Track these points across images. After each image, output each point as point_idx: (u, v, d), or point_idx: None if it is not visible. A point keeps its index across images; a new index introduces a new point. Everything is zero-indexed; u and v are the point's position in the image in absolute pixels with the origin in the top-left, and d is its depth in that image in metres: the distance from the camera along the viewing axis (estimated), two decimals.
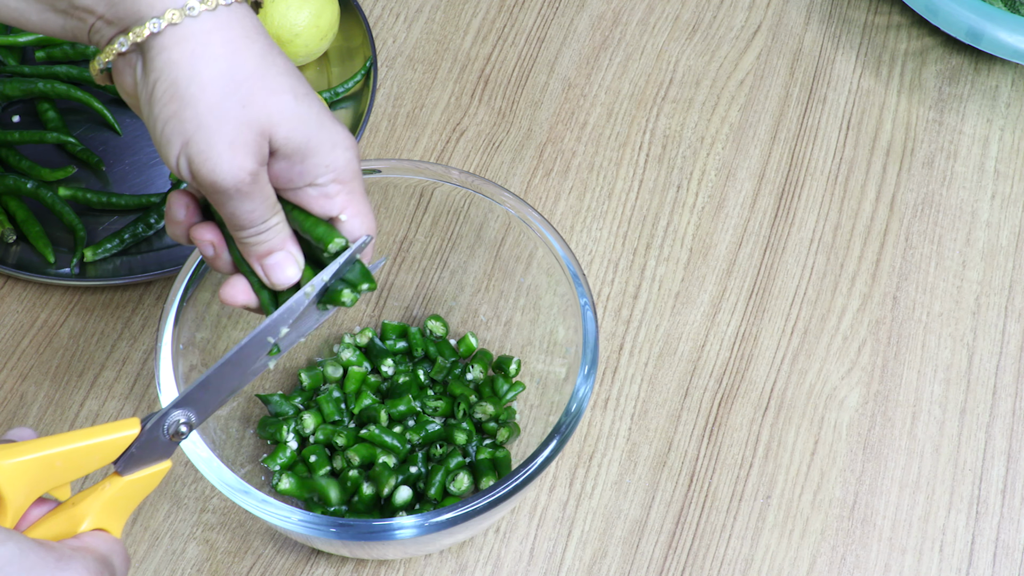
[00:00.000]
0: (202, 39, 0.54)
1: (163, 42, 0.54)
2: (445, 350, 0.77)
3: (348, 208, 0.59)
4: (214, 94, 0.54)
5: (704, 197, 0.88)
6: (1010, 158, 0.91)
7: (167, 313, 0.66)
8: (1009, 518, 0.77)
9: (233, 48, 0.55)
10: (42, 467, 0.50)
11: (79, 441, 0.51)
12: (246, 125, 0.54)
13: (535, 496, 0.76)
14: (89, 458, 0.52)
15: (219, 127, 0.54)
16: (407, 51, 0.94)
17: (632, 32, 0.95)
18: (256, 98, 0.55)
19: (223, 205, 0.56)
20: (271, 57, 0.56)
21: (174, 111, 0.54)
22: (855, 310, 0.84)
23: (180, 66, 0.54)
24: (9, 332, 0.80)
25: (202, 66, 0.54)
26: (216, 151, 0.54)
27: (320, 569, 0.73)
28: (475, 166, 0.89)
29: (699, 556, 0.75)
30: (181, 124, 0.54)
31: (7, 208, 0.84)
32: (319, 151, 0.57)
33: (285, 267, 0.59)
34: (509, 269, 0.75)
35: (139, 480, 0.54)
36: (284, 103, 0.55)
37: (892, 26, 0.97)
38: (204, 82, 0.54)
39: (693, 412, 0.80)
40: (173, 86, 0.54)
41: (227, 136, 0.54)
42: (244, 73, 0.55)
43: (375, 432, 0.72)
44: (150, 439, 0.54)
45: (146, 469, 0.54)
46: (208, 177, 0.54)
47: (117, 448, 0.52)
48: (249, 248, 0.59)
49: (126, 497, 0.54)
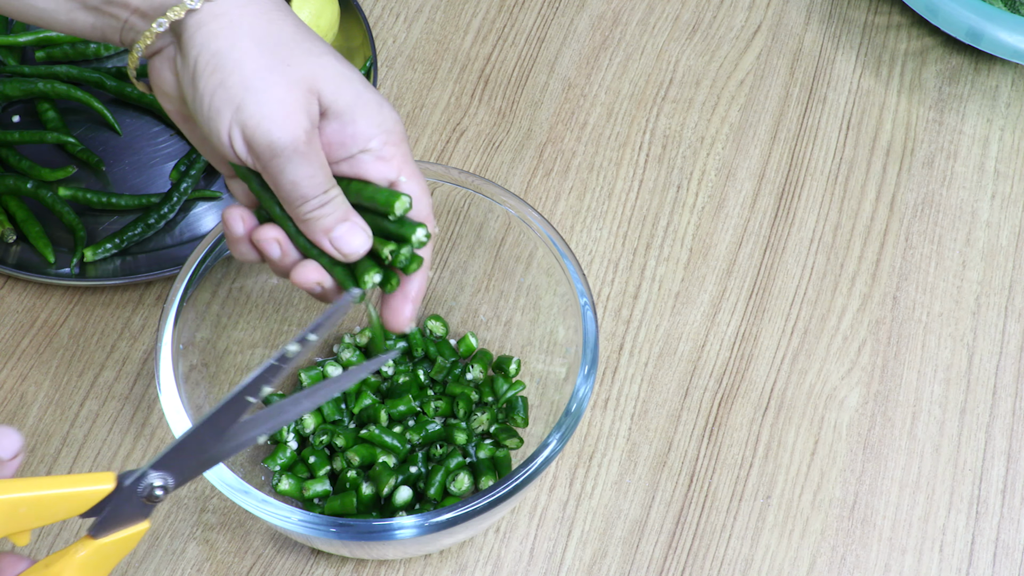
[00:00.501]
0: (238, 12, 0.55)
1: (200, 18, 0.55)
2: (445, 350, 0.77)
3: (404, 170, 0.59)
4: (258, 57, 0.55)
5: (704, 197, 0.88)
6: (1010, 158, 0.91)
7: (167, 313, 0.66)
8: (1009, 518, 0.77)
9: (268, 18, 0.56)
10: (4, 511, 0.47)
11: (49, 489, 0.48)
12: (294, 83, 0.55)
13: (535, 496, 0.76)
14: (56, 508, 0.49)
15: (267, 88, 0.54)
16: (407, 51, 0.94)
17: (632, 32, 0.95)
18: (299, 58, 0.56)
19: (282, 172, 0.55)
20: (304, 27, 0.58)
21: (220, 80, 0.55)
22: (855, 310, 0.84)
23: (219, 37, 0.55)
24: (9, 332, 0.80)
25: (242, 34, 0.55)
26: (268, 110, 0.54)
27: (320, 569, 0.73)
28: (475, 166, 0.89)
29: (699, 556, 0.75)
30: (228, 92, 0.54)
31: (7, 208, 0.84)
32: (367, 110, 0.57)
33: (354, 236, 0.58)
34: (509, 269, 0.75)
35: (114, 543, 0.51)
36: (327, 62, 0.56)
37: (892, 26, 0.97)
38: (246, 48, 0.55)
39: (693, 412, 0.80)
40: (215, 56, 0.55)
41: (277, 95, 0.54)
42: (283, 37, 0.56)
43: (375, 432, 0.72)
44: (125, 499, 0.51)
45: (122, 531, 0.51)
46: (264, 138, 0.54)
47: (88, 501, 0.50)
48: (314, 224, 0.57)
49: (102, 559, 0.51)
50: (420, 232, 0.58)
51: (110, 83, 0.89)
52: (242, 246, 0.60)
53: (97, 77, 0.89)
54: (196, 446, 0.53)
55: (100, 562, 0.51)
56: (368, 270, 0.58)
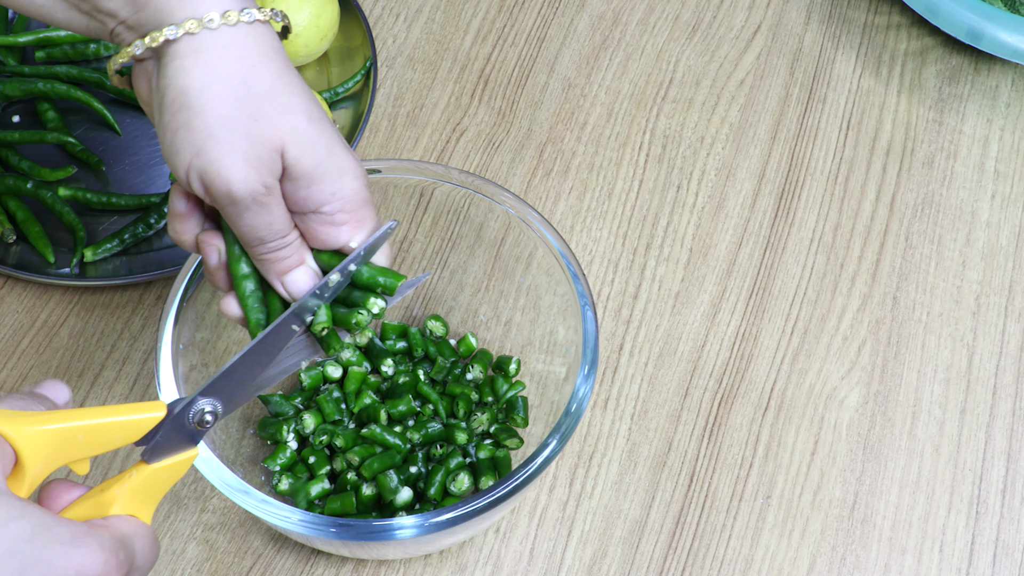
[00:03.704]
0: (217, 52, 0.54)
1: (178, 49, 0.54)
2: (445, 350, 0.77)
3: (356, 236, 0.59)
4: (225, 106, 0.53)
5: (704, 197, 0.88)
6: (1010, 158, 0.91)
7: (167, 313, 0.66)
8: (1009, 518, 0.77)
9: (248, 64, 0.54)
10: (64, 439, 0.49)
11: (103, 417, 0.50)
12: (259, 140, 0.54)
13: (535, 496, 0.76)
14: (112, 435, 0.51)
15: (230, 139, 0.54)
16: (407, 51, 0.94)
17: (632, 32, 0.95)
18: (269, 114, 0.54)
19: (240, 217, 0.55)
20: (287, 77, 0.56)
21: (184, 120, 0.54)
22: (855, 310, 0.84)
23: (191, 75, 0.54)
24: (9, 332, 0.80)
25: (213, 78, 0.54)
26: (229, 161, 0.54)
27: (320, 569, 0.73)
28: (475, 166, 0.89)
29: (699, 556, 0.75)
30: (190, 134, 0.54)
31: (7, 208, 0.84)
32: (326, 178, 0.56)
33: (308, 282, 0.59)
34: (509, 269, 0.75)
35: (166, 468, 0.53)
36: (297, 122, 0.55)
37: (892, 26, 0.97)
38: (215, 93, 0.53)
39: (693, 412, 0.80)
40: (183, 95, 0.54)
41: (240, 148, 0.54)
42: (258, 89, 0.54)
43: (376, 431, 0.72)
44: (175, 426, 0.53)
45: (172, 457, 0.53)
46: (223, 188, 0.54)
47: (141, 429, 0.51)
48: (268, 265, 0.58)
49: (154, 485, 0.53)
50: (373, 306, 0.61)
51: (110, 83, 0.89)
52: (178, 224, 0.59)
53: (97, 77, 0.89)
54: (243, 373, 0.56)
55: (153, 487, 0.52)
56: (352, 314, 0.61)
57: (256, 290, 0.60)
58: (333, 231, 0.58)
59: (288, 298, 0.59)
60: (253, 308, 0.60)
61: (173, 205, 0.59)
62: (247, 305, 0.60)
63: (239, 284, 0.60)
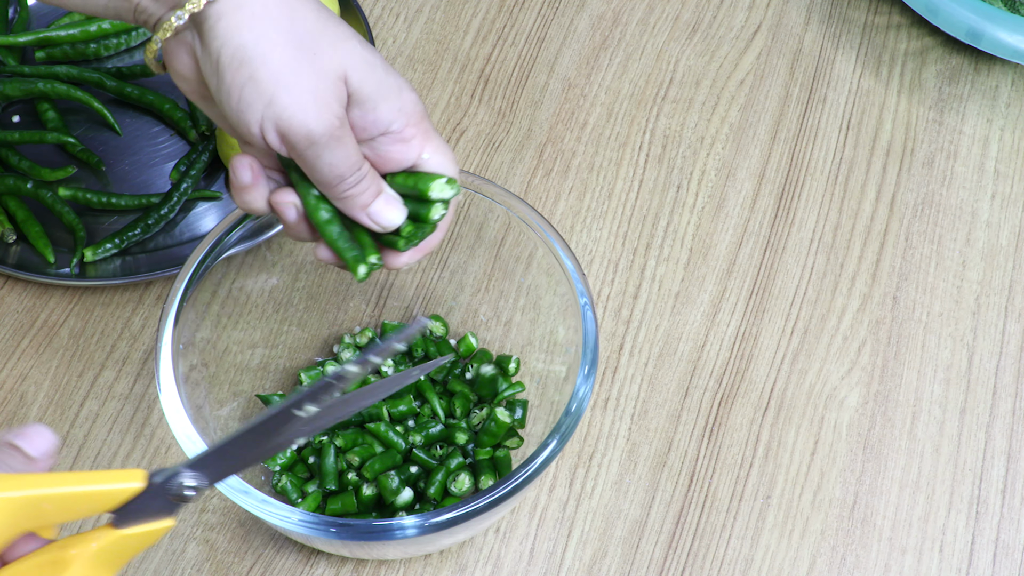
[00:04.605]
0: (259, 3, 0.55)
1: (221, 9, 0.55)
2: (445, 350, 0.77)
3: (426, 147, 0.60)
4: (285, 50, 0.55)
5: (704, 197, 0.88)
6: (1010, 158, 0.91)
7: (167, 313, 0.66)
8: (1009, 518, 0.77)
9: (290, 7, 0.56)
10: (29, 507, 0.46)
11: (75, 485, 0.47)
12: (323, 73, 0.55)
13: (535, 496, 0.76)
14: (82, 505, 0.47)
15: (298, 80, 0.55)
16: (407, 51, 0.94)
17: (632, 32, 0.95)
18: (325, 48, 0.56)
19: (318, 158, 0.56)
20: (325, 11, 0.58)
21: (249, 74, 0.54)
22: (855, 310, 0.84)
23: (243, 29, 0.54)
24: (9, 332, 0.80)
25: (267, 26, 0.55)
26: (302, 103, 0.55)
27: (320, 569, 0.73)
28: (475, 166, 0.89)
29: (699, 556, 0.75)
30: (258, 86, 0.55)
31: (7, 208, 0.84)
32: (390, 95, 0.58)
33: (390, 209, 0.60)
34: (509, 269, 0.75)
35: (136, 535, 0.49)
36: (352, 49, 0.57)
37: (892, 26, 0.97)
38: (273, 40, 0.55)
39: (693, 412, 0.80)
40: (240, 50, 0.54)
41: (308, 86, 0.55)
42: (307, 26, 0.56)
43: (381, 429, 0.72)
44: (153, 496, 0.49)
45: (145, 525, 0.49)
46: (301, 130, 0.55)
47: (115, 499, 0.48)
48: (352, 201, 0.59)
49: (120, 551, 0.49)
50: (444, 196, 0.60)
51: (110, 83, 0.89)
52: (247, 195, 0.60)
53: (97, 77, 0.89)
54: (233, 451, 0.52)
55: (118, 554, 0.49)
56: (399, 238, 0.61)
57: (343, 231, 0.61)
58: (404, 148, 0.59)
59: (376, 228, 0.60)
60: (346, 248, 0.61)
61: (238, 178, 0.59)
62: (339, 248, 0.61)
63: (325, 230, 0.61)
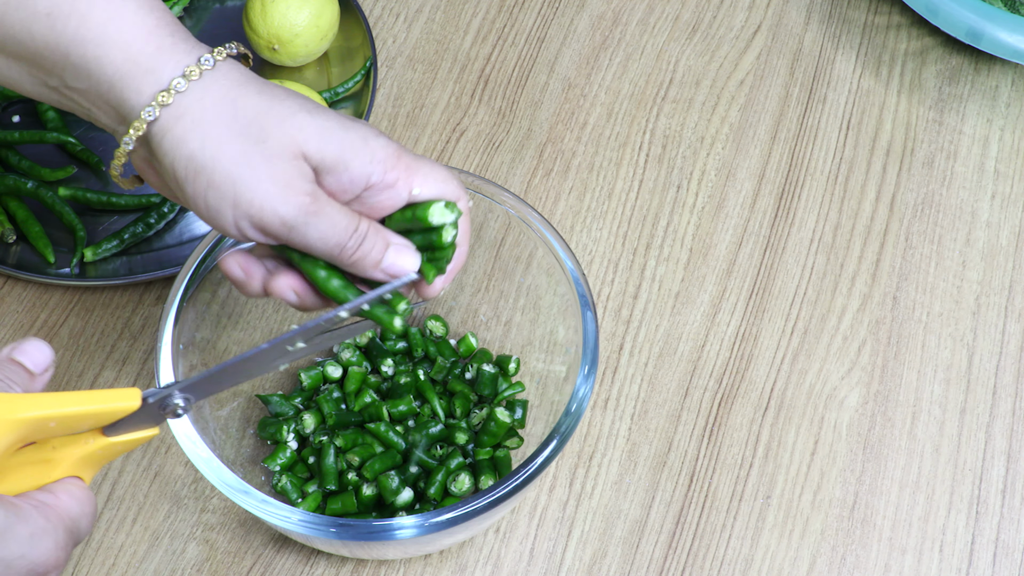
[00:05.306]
0: (197, 107, 0.54)
1: (164, 125, 0.54)
2: (445, 350, 0.77)
3: (414, 182, 0.58)
4: (232, 146, 0.54)
5: (704, 197, 0.88)
6: (1010, 158, 0.91)
7: (167, 313, 0.66)
8: (1009, 518, 0.77)
9: (230, 99, 0.55)
10: (36, 425, 0.49)
11: (78, 406, 0.50)
12: (278, 156, 0.54)
13: (535, 496, 0.76)
14: (83, 422, 0.51)
15: (254, 173, 0.54)
16: (407, 51, 0.94)
17: (632, 32, 0.95)
18: (272, 130, 0.54)
19: (306, 237, 0.55)
20: (268, 90, 0.56)
21: (206, 181, 0.54)
22: (855, 310, 0.84)
23: (188, 140, 0.54)
24: (9, 332, 0.80)
25: (208, 129, 0.54)
26: (266, 192, 0.54)
27: (320, 569, 0.73)
28: (475, 166, 0.89)
29: (699, 556, 0.75)
30: (219, 191, 0.54)
31: (7, 208, 0.84)
32: (357, 152, 0.56)
33: (403, 258, 0.58)
34: (509, 269, 0.75)
35: (123, 442, 0.53)
36: (302, 122, 0.55)
37: (892, 26, 0.97)
38: (219, 140, 0.54)
39: (693, 412, 0.80)
40: (191, 160, 0.54)
41: (266, 175, 0.54)
42: (250, 115, 0.54)
43: (381, 429, 0.72)
44: (146, 412, 0.53)
45: (133, 434, 0.54)
46: (274, 219, 0.54)
47: (113, 416, 0.52)
48: (362, 263, 0.57)
49: (106, 454, 0.53)
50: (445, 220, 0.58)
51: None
52: (244, 289, 0.59)
53: None
54: (229, 377, 0.56)
55: (104, 456, 0.53)
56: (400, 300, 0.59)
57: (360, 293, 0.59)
58: (392, 194, 0.58)
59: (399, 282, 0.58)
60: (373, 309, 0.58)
61: (231, 275, 0.59)
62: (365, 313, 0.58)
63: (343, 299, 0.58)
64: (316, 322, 0.56)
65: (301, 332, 0.56)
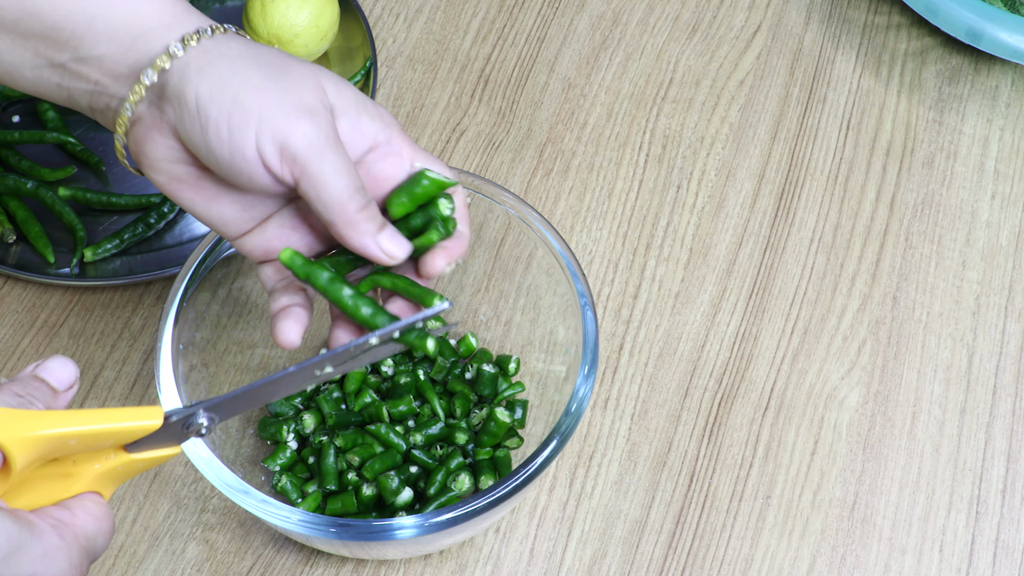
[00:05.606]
0: (224, 47, 0.56)
1: (187, 60, 0.55)
2: (445, 350, 0.77)
3: (416, 156, 0.59)
4: (260, 72, 0.55)
5: (704, 197, 0.88)
6: (1010, 158, 0.91)
7: (167, 313, 0.66)
8: (1009, 518, 0.77)
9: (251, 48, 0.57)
10: (56, 443, 0.49)
11: (100, 423, 0.50)
12: (302, 82, 0.56)
13: (535, 496, 0.76)
14: (104, 440, 0.51)
15: (281, 94, 0.55)
16: (407, 51, 0.94)
17: (632, 32, 0.96)
18: (296, 68, 0.56)
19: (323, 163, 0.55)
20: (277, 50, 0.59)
21: (232, 97, 0.54)
22: (855, 310, 0.84)
23: (214, 67, 0.55)
24: (9, 332, 0.80)
25: (234, 61, 0.55)
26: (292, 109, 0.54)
27: (320, 569, 0.73)
28: (475, 166, 0.89)
29: (699, 556, 0.75)
30: (244, 105, 0.54)
31: (7, 208, 0.84)
32: (368, 109, 0.58)
33: (396, 242, 0.58)
34: (509, 269, 0.75)
35: (144, 459, 0.53)
36: (321, 69, 0.58)
37: (892, 26, 0.97)
38: (245, 69, 0.55)
39: (693, 412, 0.80)
40: (218, 79, 0.54)
41: (292, 97, 0.55)
42: (273, 59, 0.56)
43: (381, 430, 0.72)
44: (169, 431, 0.53)
45: (155, 452, 0.53)
46: (298, 134, 0.54)
47: (135, 435, 0.51)
48: (363, 227, 0.56)
49: (125, 471, 0.53)
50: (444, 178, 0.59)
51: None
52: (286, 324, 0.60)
53: None
54: (253, 398, 0.55)
55: (125, 473, 0.53)
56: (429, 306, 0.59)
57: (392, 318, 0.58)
58: (397, 160, 0.59)
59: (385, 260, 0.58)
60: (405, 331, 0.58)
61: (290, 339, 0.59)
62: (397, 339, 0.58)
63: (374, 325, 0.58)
64: (346, 347, 0.55)
65: (330, 357, 0.55)
